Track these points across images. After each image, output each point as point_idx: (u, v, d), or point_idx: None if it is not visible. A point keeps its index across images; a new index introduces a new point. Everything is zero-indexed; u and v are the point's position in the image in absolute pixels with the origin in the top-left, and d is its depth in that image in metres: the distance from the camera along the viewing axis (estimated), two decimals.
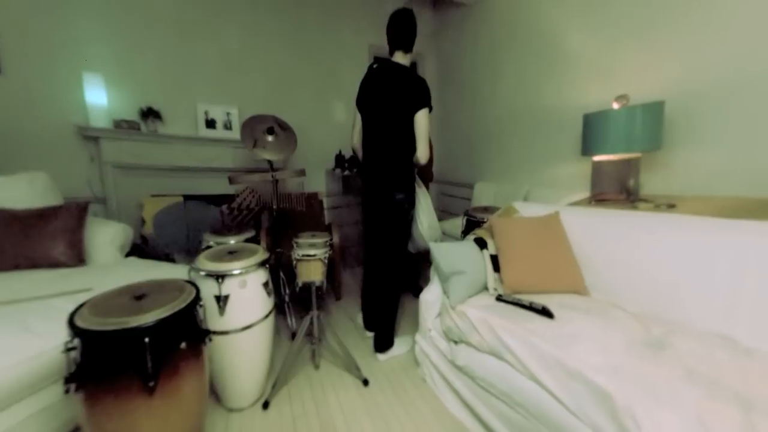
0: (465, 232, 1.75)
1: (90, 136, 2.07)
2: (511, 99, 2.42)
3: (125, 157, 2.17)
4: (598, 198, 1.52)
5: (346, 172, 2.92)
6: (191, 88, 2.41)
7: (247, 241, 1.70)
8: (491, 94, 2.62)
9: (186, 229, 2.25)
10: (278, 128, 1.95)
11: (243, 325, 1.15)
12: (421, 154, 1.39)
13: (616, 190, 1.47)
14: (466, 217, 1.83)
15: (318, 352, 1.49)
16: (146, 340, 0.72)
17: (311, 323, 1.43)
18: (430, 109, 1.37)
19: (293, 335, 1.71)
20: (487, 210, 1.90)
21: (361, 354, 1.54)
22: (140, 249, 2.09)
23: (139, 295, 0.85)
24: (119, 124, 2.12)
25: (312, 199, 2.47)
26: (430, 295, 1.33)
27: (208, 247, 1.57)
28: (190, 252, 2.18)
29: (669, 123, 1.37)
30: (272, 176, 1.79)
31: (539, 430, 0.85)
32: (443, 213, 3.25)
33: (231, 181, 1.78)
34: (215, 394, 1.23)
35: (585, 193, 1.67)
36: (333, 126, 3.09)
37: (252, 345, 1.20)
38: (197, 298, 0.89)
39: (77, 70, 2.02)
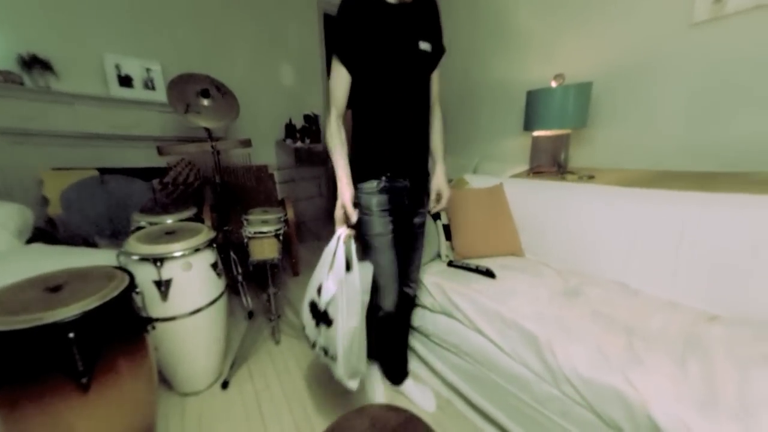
0: None
1: None
2: (465, 73, 2.45)
3: (6, 119, 1.72)
4: (535, 170, 1.69)
5: (298, 143, 2.75)
6: (92, 33, 1.94)
7: (189, 219, 1.54)
8: (446, 66, 2.62)
9: (107, 209, 1.93)
10: (215, 91, 1.71)
11: (191, 309, 1.08)
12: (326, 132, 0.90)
13: (550, 163, 1.64)
14: None
15: (278, 328, 1.48)
16: (71, 335, 0.64)
17: (269, 300, 1.40)
18: (339, 57, 0.85)
19: (250, 314, 1.66)
20: None
21: None
22: (47, 234, 1.75)
23: (53, 287, 0.73)
24: None
25: (261, 172, 2.29)
26: None
27: (140, 228, 1.39)
28: (116, 235, 1.90)
29: (593, 103, 1.55)
30: (212, 146, 1.60)
31: (481, 372, 1.00)
32: None
33: (161, 151, 1.55)
34: (166, 380, 1.17)
35: (525, 166, 1.84)
36: (281, 92, 2.82)
37: (204, 328, 1.14)
38: (132, 285, 0.80)
39: None
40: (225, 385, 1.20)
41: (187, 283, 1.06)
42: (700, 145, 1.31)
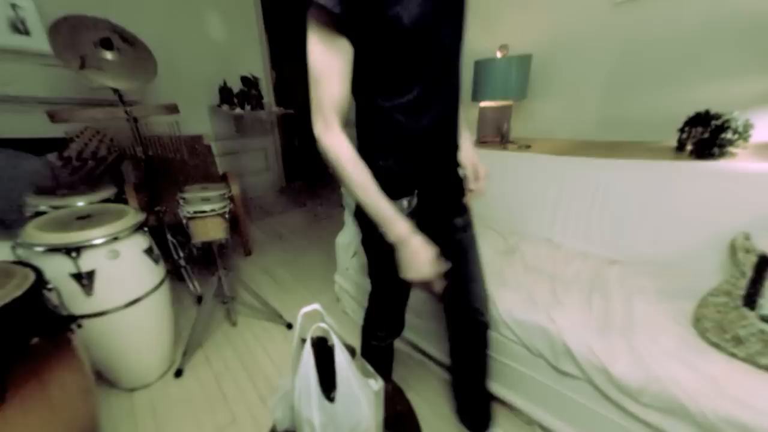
0: None
1: None
2: None
3: None
4: (481, 140, 1.79)
5: (237, 110, 2.45)
6: None
7: (107, 201, 1.32)
8: None
9: None
10: (120, 41, 1.40)
11: (126, 301, 0.97)
12: (315, 129, 0.55)
13: (494, 133, 1.75)
14: None
15: (233, 310, 1.42)
16: None
17: (219, 283, 1.32)
18: (332, 19, 0.47)
19: (199, 299, 1.56)
20: None
21: (280, 302, 1.55)
22: None
23: None
24: None
25: (195, 143, 2.02)
26: (344, 238, 1.40)
27: (39, 213, 1.15)
28: (6, 223, 1.55)
29: (532, 76, 1.65)
30: (126, 112, 1.34)
31: (427, 325, 1.11)
32: None
33: (53, 117, 1.25)
34: (108, 378, 1.06)
35: (474, 136, 1.93)
36: (210, 48, 2.42)
37: (145, 320, 1.04)
38: (40, 281, 0.68)
39: None
40: (179, 373, 1.15)
41: (115, 273, 0.94)
42: (612, 117, 1.51)
